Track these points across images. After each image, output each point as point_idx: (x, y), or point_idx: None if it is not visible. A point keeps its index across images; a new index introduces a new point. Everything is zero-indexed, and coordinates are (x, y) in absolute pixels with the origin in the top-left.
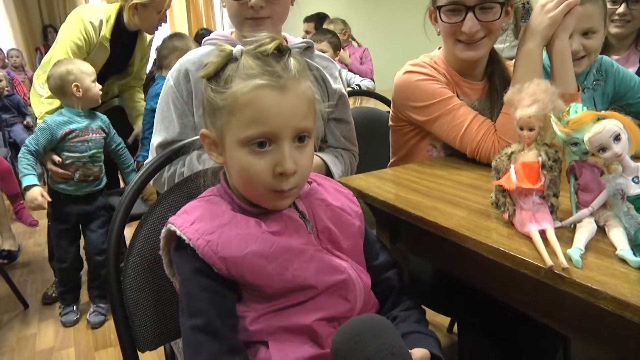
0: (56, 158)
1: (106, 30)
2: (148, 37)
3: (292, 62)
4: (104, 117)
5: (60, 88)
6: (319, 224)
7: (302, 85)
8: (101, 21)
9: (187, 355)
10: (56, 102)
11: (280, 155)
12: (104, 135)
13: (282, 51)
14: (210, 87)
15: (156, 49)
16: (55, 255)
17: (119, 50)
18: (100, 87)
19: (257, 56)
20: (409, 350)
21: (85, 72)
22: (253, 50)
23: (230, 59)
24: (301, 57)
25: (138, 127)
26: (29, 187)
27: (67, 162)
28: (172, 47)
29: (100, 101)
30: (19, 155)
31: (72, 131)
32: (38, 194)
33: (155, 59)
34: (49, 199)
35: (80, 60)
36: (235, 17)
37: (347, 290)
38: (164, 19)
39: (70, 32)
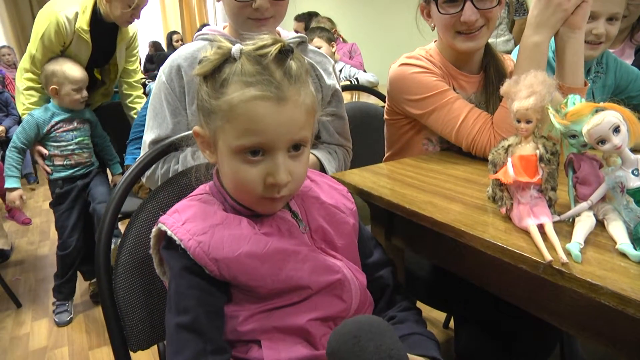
0: (43, 150)
1: (83, 22)
2: (130, 31)
3: (293, 66)
4: (91, 113)
5: (45, 85)
6: (312, 223)
7: (302, 94)
8: (76, 13)
9: (170, 353)
10: (36, 95)
11: (273, 166)
12: (90, 124)
13: (284, 53)
14: (205, 88)
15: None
16: (58, 243)
17: (102, 43)
18: (85, 95)
19: (257, 60)
20: (410, 355)
21: (68, 78)
22: (253, 51)
23: (228, 58)
24: (302, 57)
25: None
26: (10, 189)
27: (55, 151)
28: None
29: (82, 106)
30: (7, 153)
31: (57, 123)
32: (18, 196)
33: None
34: (25, 200)
35: (71, 65)
36: (237, 16)
37: (342, 290)
38: (136, 15)
39: (42, 26)
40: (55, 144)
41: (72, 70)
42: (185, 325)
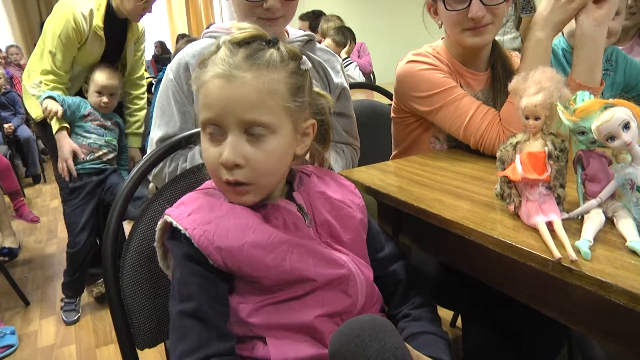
0: (76, 148)
1: (98, 19)
2: (140, 28)
3: (267, 53)
4: (121, 121)
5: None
6: (317, 217)
7: (261, 77)
8: (92, 10)
9: (172, 341)
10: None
11: (224, 145)
12: (120, 130)
13: (263, 42)
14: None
15: (173, 53)
16: (68, 240)
17: (113, 40)
18: (105, 101)
19: (228, 46)
20: (418, 352)
21: (94, 80)
22: (229, 40)
23: (218, 48)
24: (290, 50)
25: (133, 145)
26: (48, 97)
27: (84, 142)
28: None
29: (104, 111)
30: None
31: (93, 113)
32: (57, 104)
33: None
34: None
35: (101, 72)
36: (247, 15)
37: (348, 285)
38: (148, 8)
39: (59, 24)
40: (87, 134)
41: (99, 75)
42: (189, 312)
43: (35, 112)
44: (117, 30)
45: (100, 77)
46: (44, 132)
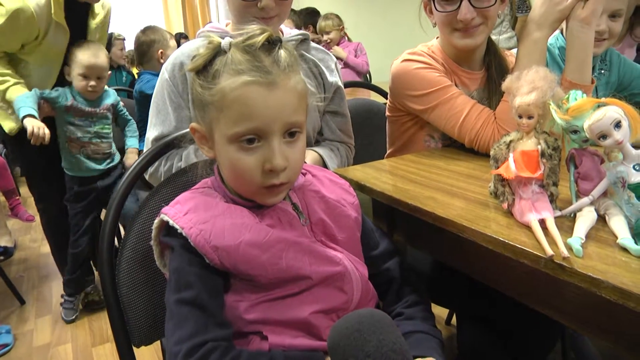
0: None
1: (57, 7)
2: (102, 12)
3: (282, 54)
4: (114, 95)
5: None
6: (312, 216)
7: (292, 79)
8: (49, 1)
9: (169, 329)
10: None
11: (270, 152)
12: (114, 108)
13: (272, 43)
14: (198, 82)
15: (134, 47)
16: (70, 240)
17: (76, 26)
18: (93, 84)
19: (245, 50)
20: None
21: (77, 62)
22: (242, 43)
23: (218, 51)
24: (292, 48)
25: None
26: (27, 116)
27: (72, 136)
28: (150, 41)
29: (92, 96)
30: (20, 95)
31: (75, 106)
32: (39, 122)
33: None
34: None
35: (88, 50)
36: (242, 15)
37: (343, 281)
38: None
39: (12, 5)
40: (73, 128)
41: (83, 55)
42: (187, 300)
43: (8, 125)
44: (79, 16)
45: (85, 57)
46: (19, 147)
